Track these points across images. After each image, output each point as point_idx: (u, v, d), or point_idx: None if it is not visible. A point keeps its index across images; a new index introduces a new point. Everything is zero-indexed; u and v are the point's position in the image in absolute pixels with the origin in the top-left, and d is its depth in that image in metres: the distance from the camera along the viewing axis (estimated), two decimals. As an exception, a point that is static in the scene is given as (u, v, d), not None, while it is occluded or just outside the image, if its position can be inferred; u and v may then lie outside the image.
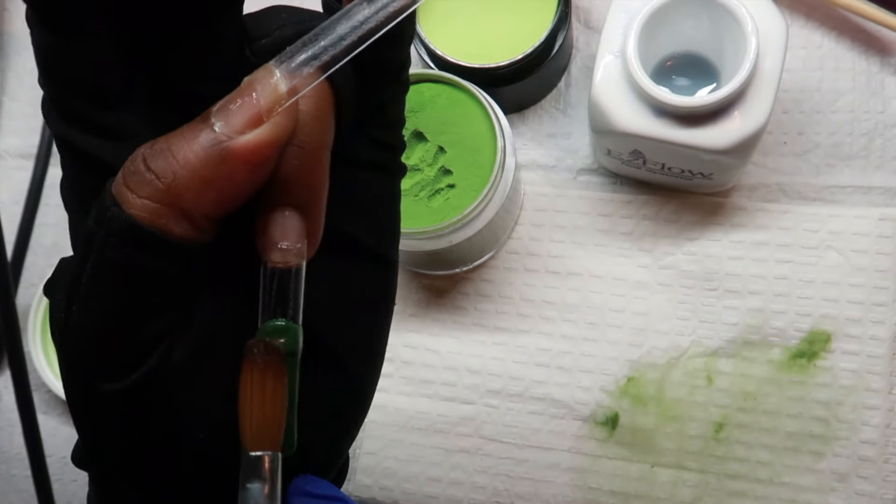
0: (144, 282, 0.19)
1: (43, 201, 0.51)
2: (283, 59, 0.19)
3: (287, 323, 0.20)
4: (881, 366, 0.42)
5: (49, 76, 0.20)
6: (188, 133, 0.19)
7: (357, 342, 0.24)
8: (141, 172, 0.18)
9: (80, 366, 0.20)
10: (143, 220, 0.18)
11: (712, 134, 0.37)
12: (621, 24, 0.38)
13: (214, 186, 0.19)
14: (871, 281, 0.43)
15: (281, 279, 0.20)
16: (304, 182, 0.20)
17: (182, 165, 0.18)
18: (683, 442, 0.44)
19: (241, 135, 0.18)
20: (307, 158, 0.20)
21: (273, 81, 0.19)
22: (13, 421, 0.50)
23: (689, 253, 0.45)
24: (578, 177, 0.47)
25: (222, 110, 0.19)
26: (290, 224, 0.20)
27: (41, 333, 0.49)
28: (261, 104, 0.18)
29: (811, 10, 0.46)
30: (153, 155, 0.19)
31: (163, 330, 0.20)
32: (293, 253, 0.20)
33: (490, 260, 0.47)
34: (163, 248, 0.19)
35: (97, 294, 0.19)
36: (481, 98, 0.40)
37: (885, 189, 0.44)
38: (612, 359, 0.45)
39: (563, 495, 0.45)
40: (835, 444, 0.42)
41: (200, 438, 0.21)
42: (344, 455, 0.26)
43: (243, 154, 0.18)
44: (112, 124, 0.20)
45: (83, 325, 0.19)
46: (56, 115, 0.20)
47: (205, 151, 0.18)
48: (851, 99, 0.44)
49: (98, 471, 0.23)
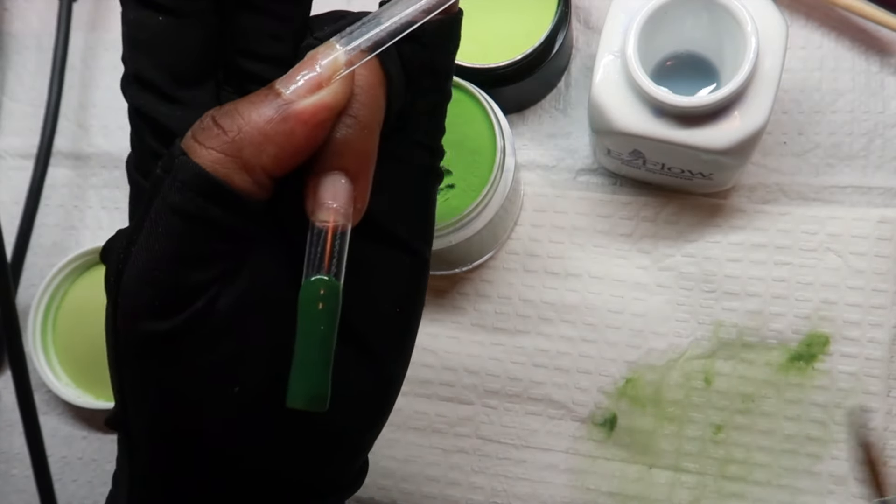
0: (202, 228, 0.21)
1: (43, 201, 0.51)
2: (343, 36, 0.21)
3: (330, 278, 0.21)
4: (879, 369, 0.42)
5: (134, 49, 0.22)
6: (254, 98, 0.21)
7: (388, 335, 0.25)
8: (209, 127, 0.21)
9: (130, 304, 0.21)
10: (208, 168, 0.20)
11: (712, 134, 0.37)
12: (621, 24, 0.38)
13: (275, 142, 0.20)
14: (869, 284, 0.43)
15: (328, 238, 0.21)
16: (356, 150, 0.22)
17: (246, 121, 0.20)
18: (681, 443, 0.44)
19: (302, 98, 0.20)
20: (360, 129, 0.22)
21: (333, 53, 0.21)
22: (13, 421, 0.50)
23: (688, 255, 0.45)
24: (578, 177, 0.47)
25: (286, 78, 0.21)
26: (341, 186, 0.22)
27: (41, 333, 0.49)
28: (321, 72, 0.21)
29: (811, 10, 0.46)
30: (222, 114, 0.21)
31: (213, 278, 0.21)
32: (341, 213, 0.21)
33: (489, 260, 0.47)
34: (223, 197, 0.21)
35: (158, 234, 0.21)
36: (481, 98, 0.40)
37: (884, 189, 0.44)
38: (610, 360, 0.45)
39: (560, 496, 0.45)
40: (833, 446, 0.42)
41: (234, 392, 0.22)
42: (369, 448, 0.27)
43: (302, 114, 0.20)
44: (187, 99, 0.22)
45: (140, 263, 0.21)
46: (136, 87, 0.22)
47: (269, 111, 0.20)
48: (851, 99, 0.44)
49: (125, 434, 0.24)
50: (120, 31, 0.22)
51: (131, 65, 0.22)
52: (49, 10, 0.54)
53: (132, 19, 0.22)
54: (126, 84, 0.22)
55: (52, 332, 0.50)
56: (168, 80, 0.22)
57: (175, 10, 0.21)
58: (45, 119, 0.50)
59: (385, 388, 0.25)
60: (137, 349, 0.22)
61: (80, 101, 0.53)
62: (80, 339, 0.49)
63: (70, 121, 0.53)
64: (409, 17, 0.21)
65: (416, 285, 0.25)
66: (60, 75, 0.51)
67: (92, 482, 0.50)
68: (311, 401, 0.21)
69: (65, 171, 0.53)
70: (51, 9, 0.53)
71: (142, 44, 0.22)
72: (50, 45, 0.52)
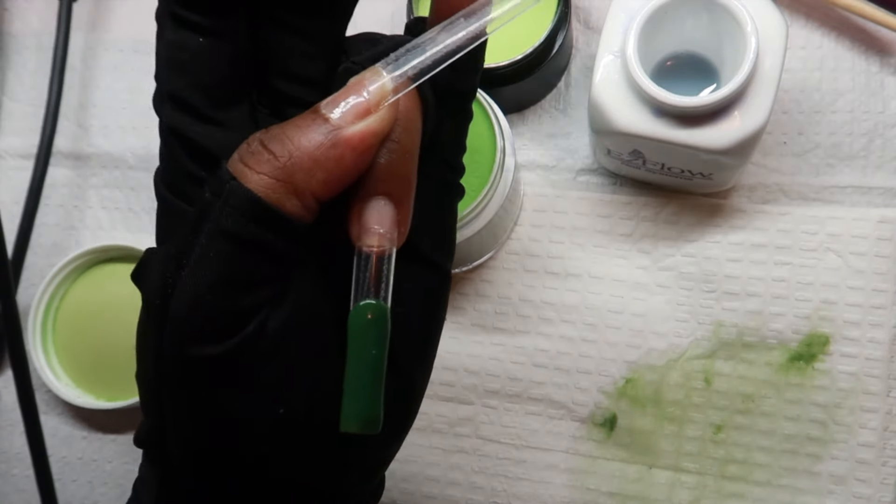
0: (254, 252, 0.21)
1: (43, 201, 0.51)
2: (389, 62, 0.22)
3: (378, 302, 0.22)
4: (879, 369, 0.42)
5: (172, 70, 0.22)
6: (301, 122, 0.21)
7: (412, 346, 0.25)
8: (260, 152, 0.21)
9: (179, 330, 0.21)
10: (260, 194, 0.20)
11: (712, 134, 0.37)
12: (621, 24, 0.38)
13: (324, 168, 0.21)
14: (869, 284, 0.43)
15: (374, 262, 0.22)
16: (399, 175, 0.22)
17: (297, 146, 0.21)
18: (681, 443, 0.44)
19: (350, 125, 0.21)
20: (402, 154, 0.22)
21: (380, 80, 0.21)
22: (13, 421, 0.50)
23: (688, 255, 0.45)
24: (578, 177, 0.47)
25: (333, 103, 0.21)
26: (385, 211, 0.22)
27: (41, 333, 0.49)
28: (369, 99, 0.21)
29: (811, 10, 0.46)
30: (270, 139, 0.21)
31: (263, 301, 0.22)
32: (387, 238, 0.22)
33: (489, 260, 0.47)
34: (275, 222, 0.21)
35: (209, 259, 0.21)
36: (481, 98, 0.40)
37: (884, 189, 0.44)
38: (610, 360, 0.45)
39: (560, 496, 0.45)
40: (833, 446, 0.42)
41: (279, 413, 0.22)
42: (390, 460, 0.27)
43: (351, 140, 0.21)
44: (222, 119, 0.22)
45: (191, 287, 0.21)
46: (171, 107, 0.22)
47: (318, 136, 0.21)
48: (851, 99, 0.44)
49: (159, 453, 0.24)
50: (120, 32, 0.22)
51: (167, 84, 0.22)
52: (49, 10, 0.54)
53: (172, 40, 0.22)
54: (160, 103, 0.23)
55: (52, 332, 0.50)
56: (205, 101, 0.22)
57: (215, 32, 0.22)
58: (45, 119, 0.50)
59: (409, 399, 0.26)
60: (185, 372, 0.22)
61: (80, 101, 0.53)
62: (80, 339, 0.49)
63: (70, 121, 0.53)
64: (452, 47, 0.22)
65: (439, 298, 0.26)
66: (60, 75, 0.51)
67: (92, 482, 0.50)
68: (364, 424, 0.22)
69: (65, 171, 0.53)
70: (51, 9, 0.53)
71: (181, 64, 0.22)
72: (50, 45, 0.52)
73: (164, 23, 0.22)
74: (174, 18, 0.22)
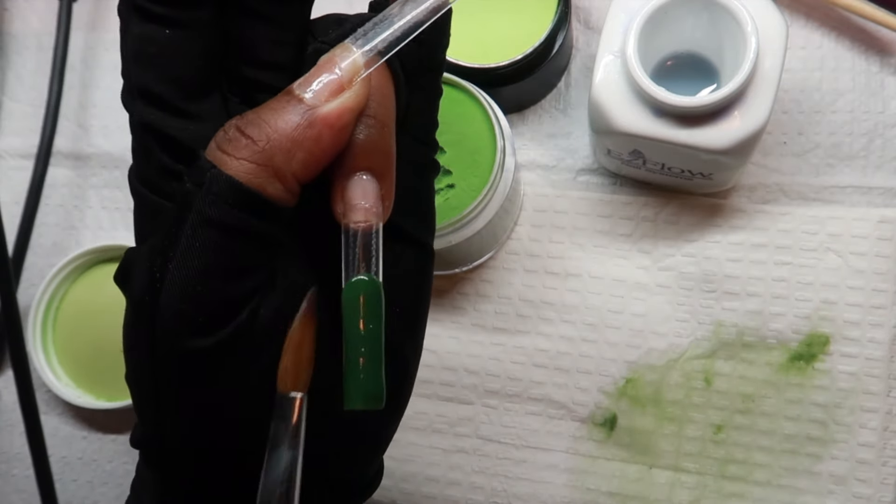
0: (241, 239, 0.21)
1: (43, 201, 0.51)
2: (358, 38, 0.22)
3: (370, 277, 0.22)
4: (879, 369, 0.42)
5: (140, 64, 0.22)
6: (276, 105, 0.21)
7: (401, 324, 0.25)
8: (237, 138, 0.21)
9: (171, 324, 0.21)
10: (242, 179, 0.20)
11: (712, 134, 0.37)
12: (621, 24, 0.38)
13: (303, 148, 0.21)
14: (869, 283, 0.43)
15: (362, 238, 0.22)
16: (378, 149, 0.22)
17: (274, 129, 0.20)
18: (681, 443, 0.44)
19: (325, 102, 0.21)
20: (379, 128, 0.22)
21: (351, 56, 0.21)
22: (13, 420, 0.50)
23: (688, 255, 0.45)
24: (578, 177, 0.47)
25: (305, 83, 0.21)
26: (369, 186, 0.22)
27: (41, 333, 0.49)
28: (342, 76, 0.21)
29: (811, 10, 0.46)
30: (247, 124, 0.21)
31: (253, 288, 0.22)
32: (373, 212, 0.22)
33: (489, 260, 0.47)
34: (258, 207, 0.21)
35: (196, 249, 0.21)
36: (481, 98, 0.40)
37: (884, 189, 0.44)
38: (610, 360, 0.45)
39: (560, 496, 0.45)
40: (833, 446, 0.42)
41: None
42: (387, 443, 0.27)
43: (328, 118, 0.21)
44: (195, 111, 0.22)
45: (181, 281, 0.21)
46: (142, 102, 0.22)
47: (294, 117, 0.21)
48: (851, 99, 0.44)
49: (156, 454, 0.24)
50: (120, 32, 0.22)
51: (136, 79, 0.22)
52: (49, 10, 0.54)
53: (138, 34, 0.22)
54: (129, 99, 0.22)
55: (52, 332, 0.50)
56: (177, 93, 0.22)
57: (181, 23, 0.21)
58: (45, 119, 0.50)
59: (402, 377, 0.26)
60: (179, 366, 0.21)
61: (80, 101, 0.53)
62: (80, 339, 0.49)
63: (70, 121, 0.53)
64: (418, 18, 0.22)
65: (424, 274, 0.26)
66: (60, 75, 0.51)
67: (92, 482, 0.50)
68: (368, 400, 0.21)
69: (65, 171, 0.53)
70: (51, 9, 0.53)
71: (149, 58, 0.22)
72: (50, 45, 0.52)
73: (129, 17, 0.22)
74: (139, 11, 0.21)
